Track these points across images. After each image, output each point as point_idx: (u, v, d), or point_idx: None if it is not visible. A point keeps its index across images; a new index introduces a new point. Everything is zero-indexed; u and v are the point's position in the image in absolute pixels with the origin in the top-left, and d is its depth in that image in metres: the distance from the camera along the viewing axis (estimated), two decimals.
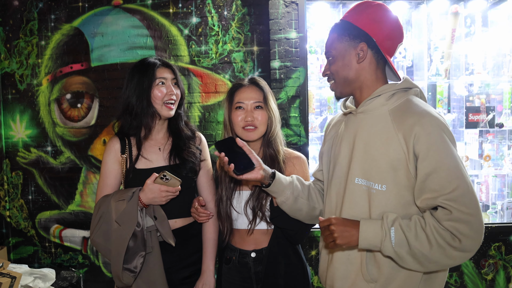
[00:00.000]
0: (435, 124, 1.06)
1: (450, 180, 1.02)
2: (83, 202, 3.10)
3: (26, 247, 3.15)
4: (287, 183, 1.31)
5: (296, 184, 1.33)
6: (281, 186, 1.29)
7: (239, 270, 1.54)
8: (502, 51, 2.85)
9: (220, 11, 2.95)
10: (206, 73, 2.97)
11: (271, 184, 1.28)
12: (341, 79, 1.20)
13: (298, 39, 2.69)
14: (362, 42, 1.15)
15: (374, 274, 1.13)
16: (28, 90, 3.07)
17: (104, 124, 3.04)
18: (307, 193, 1.35)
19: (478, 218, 1.01)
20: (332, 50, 1.21)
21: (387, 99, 1.15)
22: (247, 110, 1.49)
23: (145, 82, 1.50)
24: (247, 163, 1.25)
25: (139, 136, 1.55)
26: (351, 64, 1.17)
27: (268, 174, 1.28)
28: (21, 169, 3.11)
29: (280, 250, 1.49)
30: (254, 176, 1.26)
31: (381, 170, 1.10)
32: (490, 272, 2.74)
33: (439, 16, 2.84)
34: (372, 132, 1.14)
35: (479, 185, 2.90)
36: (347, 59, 1.18)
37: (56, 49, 3.04)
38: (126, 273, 1.41)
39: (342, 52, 1.18)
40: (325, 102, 2.93)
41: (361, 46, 1.16)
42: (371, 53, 1.17)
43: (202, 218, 1.54)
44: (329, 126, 1.40)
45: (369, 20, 1.16)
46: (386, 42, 1.16)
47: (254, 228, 1.49)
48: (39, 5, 3.03)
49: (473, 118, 2.77)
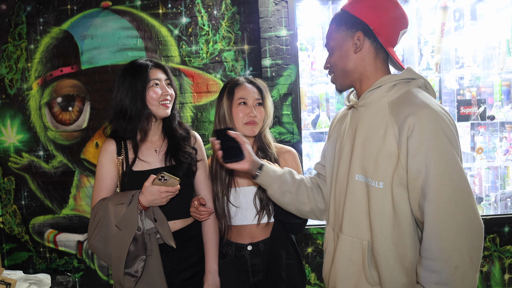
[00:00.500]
0: (432, 117, 0.98)
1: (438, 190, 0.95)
2: (77, 206, 3.08)
3: (20, 253, 3.12)
4: (275, 176, 1.30)
5: (286, 178, 1.31)
6: (268, 179, 1.29)
7: (235, 263, 1.55)
8: (491, 44, 2.87)
9: (210, 11, 2.94)
10: (197, 73, 2.97)
11: (258, 176, 1.29)
12: (339, 70, 1.16)
13: (289, 37, 2.69)
14: (359, 31, 1.10)
15: (376, 277, 1.09)
16: (18, 94, 3.05)
17: (96, 127, 3.02)
18: (296, 188, 1.32)
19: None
20: (331, 42, 1.17)
21: (387, 90, 1.09)
22: (250, 106, 1.51)
23: (138, 84, 1.49)
24: (238, 153, 1.28)
25: (135, 140, 1.54)
26: (349, 54, 1.13)
27: (257, 166, 1.29)
28: (13, 174, 3.09)
29: (281, 243, 1.52)
30: (241, 166, 1.28)
31: (378, 166, 1.05)
32: (486, 264, 2.75)
33: (428, 10, 2.86)
34: (371, 126, 1.09)
35: (472, 178, 2.91)
36: (344, 49, 1.13)
37: (45, 53, 3.01)
38: (127, 278, 1.40)
39: (340, 42, 1.14)
40: (317, 99, 2.94)
41: (358, 35, 1.11)
42: (369, 42, 1.11)
43: (203, 216, 1.54)
44: (334, 121, 1.35)
45: (366, 7, 1.10)
46: (384, 29, 1.10)
47: (261, 220, 1.51)
48: (27, 8, 3.01)
49: (465, 111, 2.78)
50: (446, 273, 0.95)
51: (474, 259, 0.96)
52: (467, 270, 0.95)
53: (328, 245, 1.25)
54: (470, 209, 0.96)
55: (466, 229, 0.95)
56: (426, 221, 0.98)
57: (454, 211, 0.95)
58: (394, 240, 1.06)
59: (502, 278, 2.77)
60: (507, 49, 2.80)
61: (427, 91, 1.12)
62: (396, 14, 1.11)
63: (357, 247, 1.12)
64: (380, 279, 1.08)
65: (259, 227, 1.54)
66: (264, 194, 1.49)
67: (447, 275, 0.95)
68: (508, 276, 2.77)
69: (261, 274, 1.52)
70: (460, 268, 0.95)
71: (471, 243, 0.95)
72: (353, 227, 1.13)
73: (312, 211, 1.34)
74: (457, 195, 0.96)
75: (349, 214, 1.13)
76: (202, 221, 1.59)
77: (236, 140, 1.29)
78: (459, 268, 0.95)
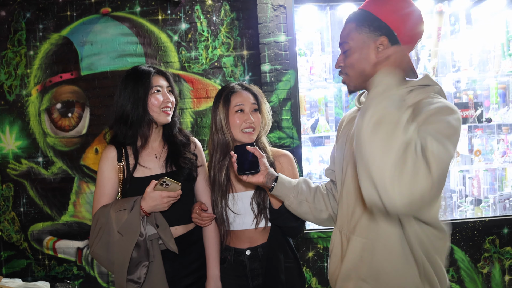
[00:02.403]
0: (445, 110, 0.96)
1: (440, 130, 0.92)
2: (77, 213, 3.06)
3: (18, 260, 3.09)
4: (291, 187, 1.30)
5: (302, 188, 1.32)
6: (284, 190, 1.29)
7: (234, 268, 1.56)
8: (486, 48, 2.92)
9: (209, 17, 2.96)
10: (197, 78, 2.98)
11: (274, 188, 1.29)
12: (357, 72, 1.12)
13: (287, 42, 2.72)
14: (383, 35, 1.06)
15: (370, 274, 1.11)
16: (18, 100, 3.04)
17: (95, 133, 3.02)
18: (313, 196, 1.32)
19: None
20: (350, 41, 1.12)
21: (404, 95, 1.06)
22: (247, 113, 1.52)
23: (140, 90, 1.49)
24: (253, 166, 1.29)
25: (135, 146, 1.54)
26: (369, 57, 1.08)
27: (272, 178, 1.29)
28: (12, 181, 3.07)
29: (279, 246, 1.52)
30: (256, 179, 1.28)
31: None
32: (486, 266, 2.77)
33: (425, 15, 2.87)
34: None
35: (470, 180, 2.94)
36: (365, 52, 1.08)
37: (45, 59, 3.02)
38: (130, 285, 1.40)
39: (360, 44, 1.09)
40: (315, 104, 2.96)
41: (382, 40, 1.07)
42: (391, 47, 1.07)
43: (205, 222, 1.54)
44: (342, 123, 1.34)
45: (392, 12, 1.07)
46: (407, 37, 1.07)
47: (259, 225, 1.51)
48: (26, 15, 3.02)
49: (462, 114, 2.81)
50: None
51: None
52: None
53: (334, 247, 1.25)
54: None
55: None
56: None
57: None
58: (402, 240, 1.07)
59: (503, 280, 2.78)
60: (502, 52, 2.85)
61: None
62: (418, 24, 1.10)
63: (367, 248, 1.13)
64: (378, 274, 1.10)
65: (257, 231, 1.54)
66: (261, 198, 1.50)
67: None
68: (509, 278, 2.78)
69: (260, 278, 1.53)
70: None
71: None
72: (363, 229, 1.14)
73: (330, 218, 1.35)
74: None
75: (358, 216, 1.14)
76: (204, 227, 1.59)
77: (255, 155, 1.29)
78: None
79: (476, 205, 2.92)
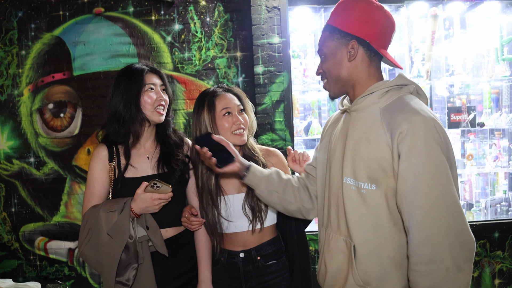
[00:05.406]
0: (423, 124, 1.00)
1: (428, 196, 0.98)
2: (68, 213, 3.05)
3: (10, 261, 3.07)
4: (262, 177, 1.32)
5: (273, 178, 1.34)
6: (256, 179, 1.31)
7: (227, 270, 1.55)
8: (480, 52, 2.92)
9: (203, 18, 2.95)
10: (190, 79, 2.97)
11: (246, 176, 1.31)
12: (333, 78, 1.18)
13: (281, 44, 2.71)
14: (353, 39, 1.12)
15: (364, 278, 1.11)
16: (9, 100, 3.02)
17: (88, 134, 3.00)
18: (283, 188, 1.34)
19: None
20: (324, 49, 1.18)
21: (380, 97, 1.11)
22: (235, 115, 1.51)
23: (133, 88, 1.48)
24: (227, 156, 1.30)
25: (127, 144, 1.52)
26: (343, 62, 1.14)
27: (244, 166, 1.32)
28: (3, 181, 3.05)
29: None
30: (232, 168, 1.30)
31: (369, 170, 1.07)
32: (476, 269, 2.78)
33: (419, 19, 2.90)
34: (362, 131, 1.11)
35: (462, 184, 2.94)
36: (338, 57, 1.15)
37: (37, 59, 2.99)
38: (119, 287, 1.39)
39: (333, 50, 1.15)
40: (309, 106, 2.95)
41: (352, 44, 1.12)
42: (363, 50, 1.13)
43: (195, 227, 1.52)
44: (327, 124, 1.38)
45: (357, 22, 1.11)
46: (378, 39, 1.12)
47: (255, 228, 1.51)
48: (18, 14, 2.99)
49: (455, 118, 2.82)
50: (438, 276, 0.97)
51: (464, 260, 0.98)
52: (458, 271, 0.97)
53: (321, 246, 1.27)
54: (458, 212, 0.98)
55: (456, 232, 0.97)
56: (415, 227, 1.00)
57: (444, 215, 0.97)
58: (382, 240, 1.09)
59: (492, 283, 2.80)
60: (496, 57, 2.85)
61: (419, 96, 1.14)
62: (386, 22, 1.13)
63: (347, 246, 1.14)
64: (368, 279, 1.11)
65: (252, 235, 1.53)
66: (254, 202, 1.49)
67: (439, 277, 0.97)
68: (498, 281, 2.80)
69: (254, 281, 1.52)
70: (451, 269, 0.96)
71: (461, 246, 0.97)
72: (344, 227, 1.16)
73: (298, 210, 1.37)
74: (447, 199, 0.98)
75: (338, 215, 1.17)
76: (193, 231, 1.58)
77: (221, 144, 1.30)
78: (450, 270, 0.96)
79: (467, 209, 2.94)
